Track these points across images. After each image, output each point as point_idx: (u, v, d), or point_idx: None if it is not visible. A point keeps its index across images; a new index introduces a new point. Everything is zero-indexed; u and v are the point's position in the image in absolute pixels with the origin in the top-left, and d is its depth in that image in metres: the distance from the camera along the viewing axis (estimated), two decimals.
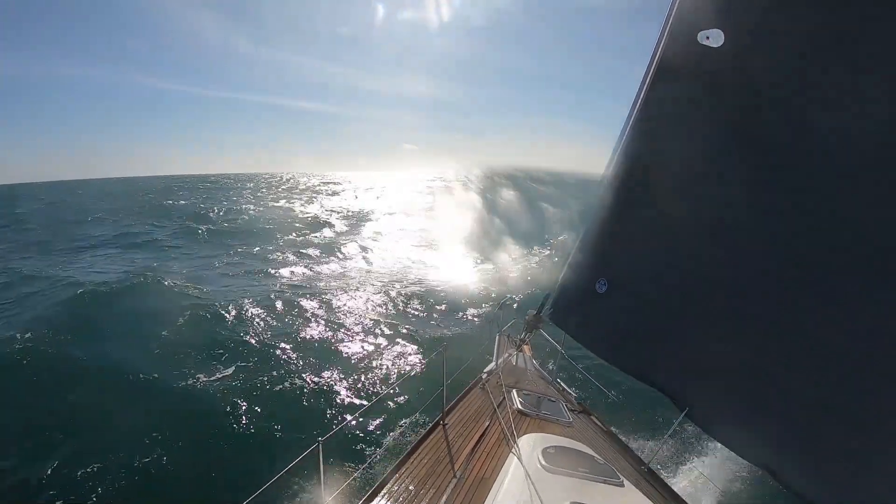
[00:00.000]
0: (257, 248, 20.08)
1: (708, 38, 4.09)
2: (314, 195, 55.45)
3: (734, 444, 4.63)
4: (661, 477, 4.81)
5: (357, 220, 33.28)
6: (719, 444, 4.78)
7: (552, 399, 5.79)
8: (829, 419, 3.86)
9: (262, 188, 72.08)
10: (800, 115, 3.87)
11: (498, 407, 5.10)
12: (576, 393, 7.32)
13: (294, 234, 24.77)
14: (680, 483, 6.33)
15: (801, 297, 3.99)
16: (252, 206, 40.29)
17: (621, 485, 3.78)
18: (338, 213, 37.01)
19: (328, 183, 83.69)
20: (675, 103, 4.74)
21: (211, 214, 33.52)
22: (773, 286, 4.18)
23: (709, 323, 4.73)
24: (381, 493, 3.54)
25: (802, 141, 3.87)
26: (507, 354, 7.41)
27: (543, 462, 3.78)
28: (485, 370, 6.73)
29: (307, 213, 36.47)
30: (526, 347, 7.89)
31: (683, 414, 4.85)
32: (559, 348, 7.39)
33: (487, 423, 4.76)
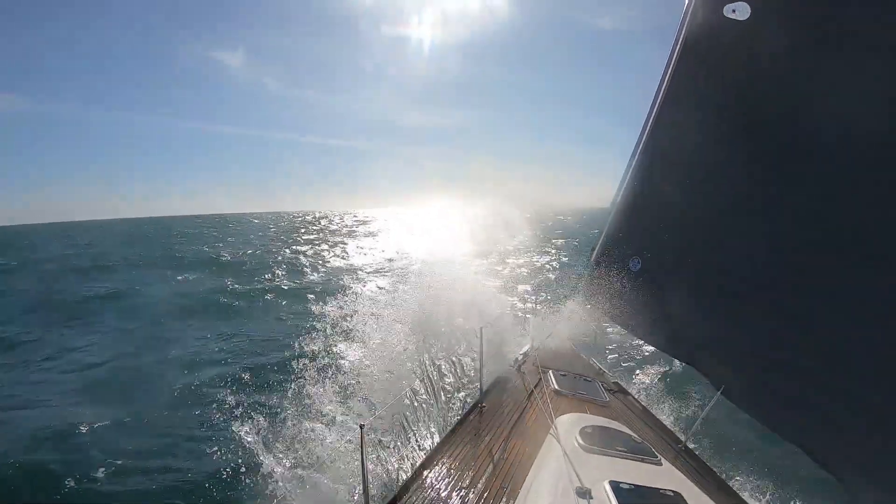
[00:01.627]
0: (281, 313, 15.81)
1: (734, 11, 3.98)
2: (347, 237, 48.35)
3: (769, 421, 4.63)
4: (699, 454, 4.84)
5: (394, 257, 29.89)
6: (756, 421, 4.79)
7: (588, 378, 5.87)
8: (854, 404, 3.85)
9: (297, 228, 64.43)
10: (820, 90, 3.80)
11: (535, 388, 5.21)
12: (611, 372, 7.33)
13: (328, 282, 21.64)
14: (717, 460, 6.32)
15: (826, 285, 3.98)
16: (281, 251, 35.00)
17: (659, 463, 3.83)
18: (374, 252, 33.15)
19: (360, 221, 76.53)
20: (699, 82, 4.67)
21: (230, 262, 28.95)
22: (798, 271, 4.15)
23: (741, 304, 4.70)
24: (422, 475, 3.67)
25: (819, 121, 3.82)
26: (543, 336, 7.50)
27: (581, 441, 3.84)
28: (521, 352, 6.85)
29: (341, 257, 32.00)
30: (562, 328, 7.95)
31: (720, 392, 4.85)
32: (594, 328, 7.43)
33: (525, 404, 4.89)
